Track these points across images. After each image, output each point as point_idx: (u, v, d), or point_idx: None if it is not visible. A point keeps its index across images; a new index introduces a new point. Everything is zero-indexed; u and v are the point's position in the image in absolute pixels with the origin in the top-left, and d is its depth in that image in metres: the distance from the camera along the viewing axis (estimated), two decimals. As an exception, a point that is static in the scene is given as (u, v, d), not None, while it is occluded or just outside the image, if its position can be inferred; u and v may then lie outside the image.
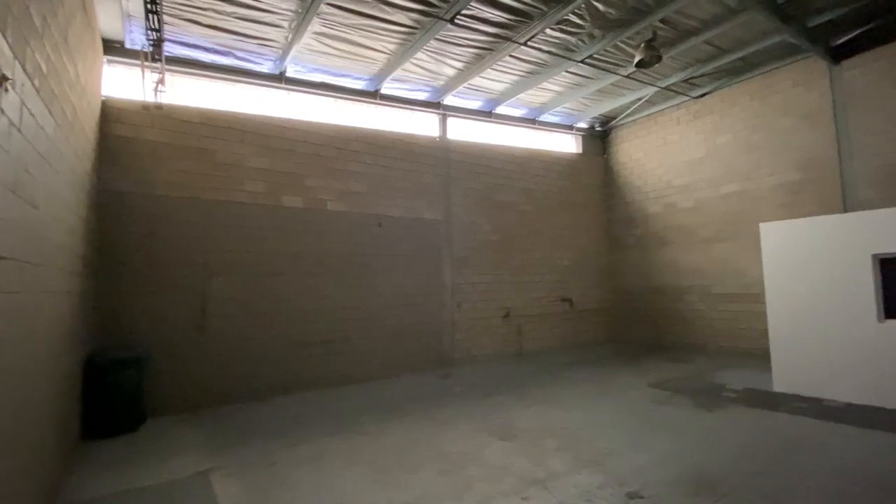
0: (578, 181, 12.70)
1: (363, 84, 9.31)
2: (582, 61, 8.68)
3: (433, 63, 8.72)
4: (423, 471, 4.54)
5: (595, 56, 8.68)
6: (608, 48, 8.41)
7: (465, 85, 9.63)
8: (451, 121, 10.67)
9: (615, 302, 12.83)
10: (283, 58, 7.96)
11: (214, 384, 7.31)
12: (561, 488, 4.06)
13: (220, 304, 7.53)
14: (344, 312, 8.71)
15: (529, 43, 7.95)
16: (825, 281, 6.54)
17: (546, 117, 12.03)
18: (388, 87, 9.53)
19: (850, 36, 8.27)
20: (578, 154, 12.93)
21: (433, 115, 10.47)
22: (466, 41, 7.97)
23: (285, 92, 8.71)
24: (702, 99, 10.80)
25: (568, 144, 12.99)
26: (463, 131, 10.95)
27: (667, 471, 4.31)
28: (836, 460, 4.44)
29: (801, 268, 6.80)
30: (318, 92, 8.97)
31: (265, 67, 8.32)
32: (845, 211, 8.38)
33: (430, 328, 9.76)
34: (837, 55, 8.58)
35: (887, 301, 6.09)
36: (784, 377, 6.92)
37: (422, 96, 10.08)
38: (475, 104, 10.83)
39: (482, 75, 9.33)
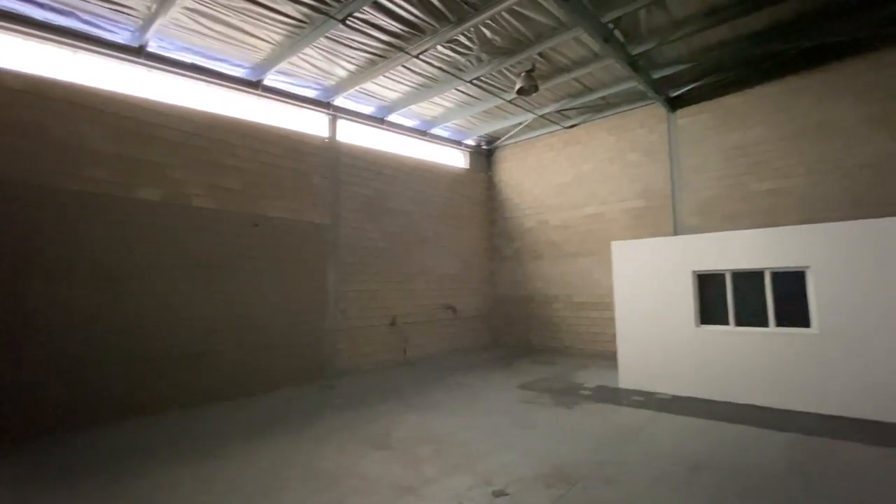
0: (465, 195, 13.31)
1: (244, 72, 8.59)
2: (470, 81, 9.17)
3: (324, 62, 8.41)
4: (292, 492, 4.25)
5: (482, 78, 9.24)
6: (494, 73, 9.02)
7: (358, 88, 9.48)
8: (342, 123, 10.38)
9: (494, 309, 13.66)
10: (144, 29, 6.95)
11: (38, 410, 5.97)
12: (432, 493, 4.14)
13: (45, 315, 6.20)
14: (212, 322, 7.82)
15: (422, 56, 8.15)
16: (659, 292, 7.79)
17: (437, 131, 12.42)
18: (272, 79, 8.93)
19: (682, 90, 10.08)
20: (466, 169, 13.57)
21: (323, 114, 10.08)
22: (360, 45, 7.86)
23: (145, 69, 7.60)
24: (571, 129, 12.17)
25: (456, 159, 13.56)
26: (354, 135, 10.74)
27: (530, 467, 4.68)
28: (662, 445, 5.28)
29: (641, 281, 8.00)
30: (188, 73, 8.00)
31: (121, 38, 7.17)
32: (675, 234, 10.12)
33: (311, 338, 9.27)
34: (674, 104, 10.39)
35: (702, 310, 7.48)
36: (627, 375, 8.04)
37: (311, 94, 9.64)
38: (368, 109, 10.72)
39: (375, 81, 9.28)
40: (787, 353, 6.53)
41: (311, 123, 9.95)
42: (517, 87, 8.34)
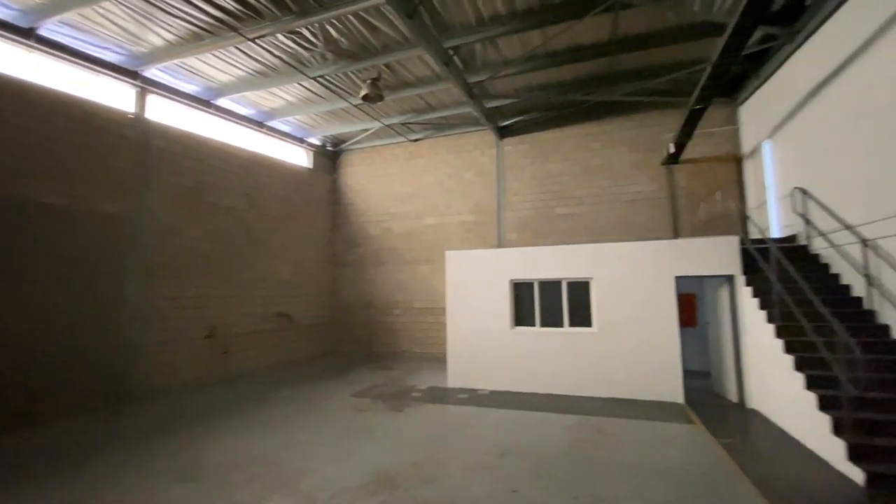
0: (307, 196, 12.67)
1: (11, 15, 6.62)
2: (315, 78, 8.80)
3: (132, 23, 7.04)
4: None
5: (328, 77, 8.97)
6: (340, 74, 8.85)
7: (178, 62, 8.20)
8: (154, 99, 8.80)
9: (334, 316, 13.26)
10: None
11: None
12: (244, 523, 3.75)
13: None
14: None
15: (260, 42, 7.50)
16: (484, 298, 8.63)
17: (277, 124, 11.56)
18: (53, 31, 7.08)
19: (509, 121, 11.47)
20: (309, 169, 12.94)
21: (128, 85, 8.39)
22: (182, 13, 6.82)
23: None
24: (416, 143, 12.70)
25: (299, 157, 12.83)
26: (172, 115, 9.21)
27: (357, 476, 4.62)
28: (479, 437, 5.82)
29: (469, 287, 8.76)
30: None
31: None
32: (499, 247, 11.39)
33: (100, 356, 7.51)
34: (502, 133, 11.74)
35: (516, 313, 8.54)
36: (455, 375, 8.67)
37: (112, 58, 7.95)
38: (191, 88, 9.34)
39: (202, 58, 8.17)
40: (577, 349, 7.93)
41: (113, 94, 8.20)
42: (362, 93, 8.33)
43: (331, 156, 13.75)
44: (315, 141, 13.03)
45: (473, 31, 7.50)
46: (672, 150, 9.23)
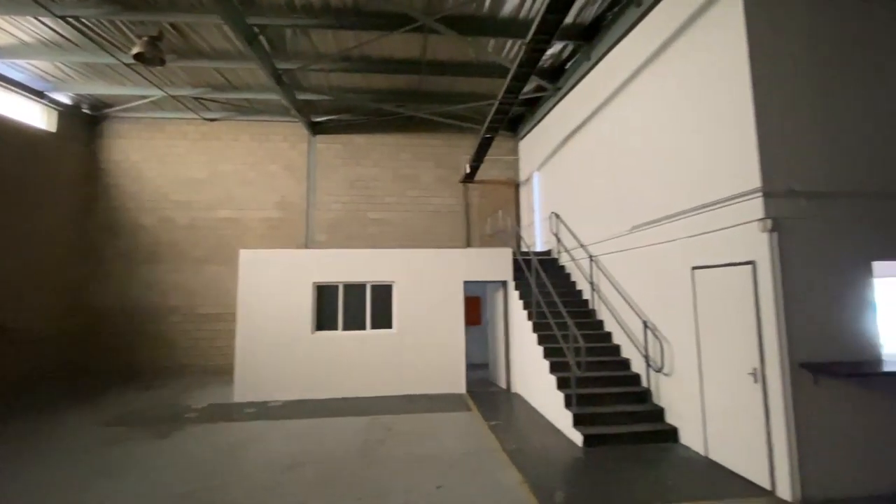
0: (45, 168, 9.65)
1: None
2: (63, 17, 6.80)
3: None
4: None
5: (84, 21, 7.05)
6: (104, 21, 7.07)
7: None
8: None
9: (84, 325, 10.39)
10: None
11: None
12: None
13: None
14: None
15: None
16: (284, 302, 8.05)
17: (2, 68, 8.51)
18: None
19: (323, 118, 11.09)
20: (50, 133, 9.90)
21: None
22: None
23: None
24: (213, 123, 11.10)
25: (34, 115, 9.69)
26: None
27: (86, 527, 3.66)
28: (265, 453, 5.34)
29: (268, 291, 8.06)
30: None
31: None
32: (306, 248, 10.86)
33: None
34: (315, 129, 11.27)
35: (318, 318, 8.24)
36: (243, 388, 7.81)
37: None
38: None
39: None
40: (378, 350, 8.12)
41: None
42: (135, 50, 6.82)
43: (88, 121, 10.83)
44: (63, 98, 10.07)
45: (283, 15, 6.99)
46: (468, 170, 10.43)
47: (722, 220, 4.76)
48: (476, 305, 11.29)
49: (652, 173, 6.08)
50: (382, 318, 8.28)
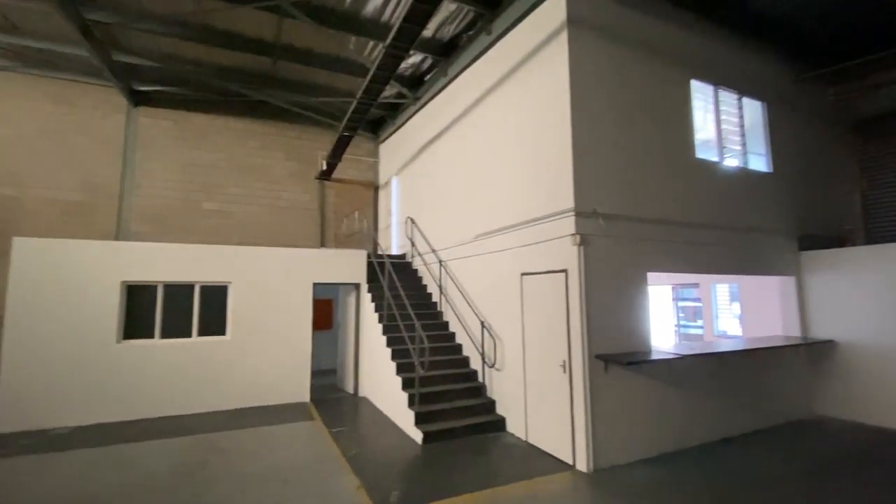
0: None
1: None
2: None
3: None
4: None
5: None
6: None
7: None
8: None
9: None
10: None
11: None
12: None
13: None
14: None
15: None
16: (79, 305, 6.55)
17: None
18: None
19: (150, 88, 9.41)
20: None
21: None
22: None
23: None
24: (-16, 71, 8.52)
25: None
26: None
27: None
28: (43, 492, 4.23)
29: (57, 290, 6.46)
30: None
31: None
32: (118, 239, 9.06)
33: None
34: (138, 99, 9.50)
35: (128, 324, 6.91)
36: (12, 414, 6.09)
37: None
38: None
39: None
40: (208, 360, 7.17)
41: None
42: None
43: None
44: None
45: (95, -45, 5.75)
46: (325, 167, 10.02)
47: (545, 234, 5.46)
48: (328, 308, 10.87)
49: (494, 188, 6.68)
50: (214, 324, 7.35)
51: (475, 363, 6.92)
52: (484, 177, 6.96)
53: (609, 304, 5.13)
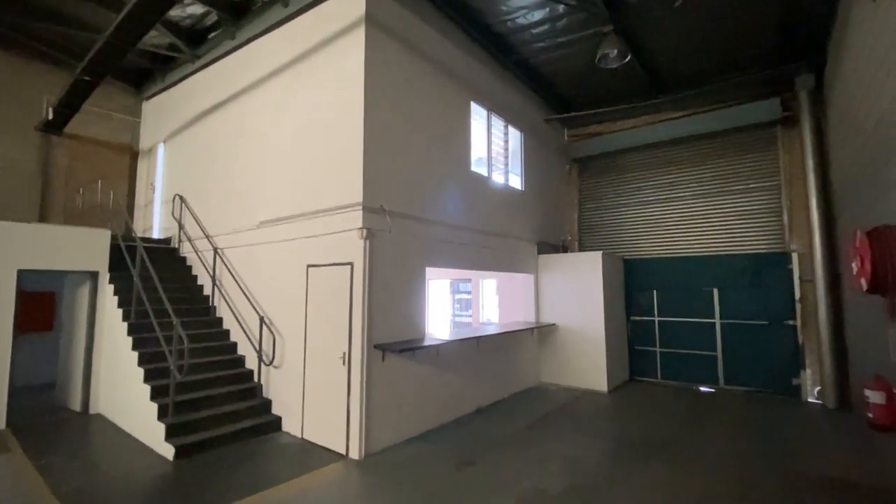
0: None
1: None
2: None
3: None
4: None
5: None
6: None
7: None
8: None
9: None
10: None
11: None
12: None
13: None
14: None
15: None
16: None
17: None
18: None
19: None
20: None
21: None
22: None
23: None
24: None
25: None
26: None
27: None
28: None
29: None
30: None
31: None
32: None
33: None
34: None
35: None
36: None
37: None
38: None
39: None
40: None
41: None
42: None
43: None
44: None
45: None
46: (51, 115, 7.57)
47: (333, 226, 5.40)
48: (48, 304, 8.27)
49: (282, 172, 6.24)
50: None
51: (252, 362, 6.34)
52: (272, 159, 6.44)
53: (391, 296, 5.42)
